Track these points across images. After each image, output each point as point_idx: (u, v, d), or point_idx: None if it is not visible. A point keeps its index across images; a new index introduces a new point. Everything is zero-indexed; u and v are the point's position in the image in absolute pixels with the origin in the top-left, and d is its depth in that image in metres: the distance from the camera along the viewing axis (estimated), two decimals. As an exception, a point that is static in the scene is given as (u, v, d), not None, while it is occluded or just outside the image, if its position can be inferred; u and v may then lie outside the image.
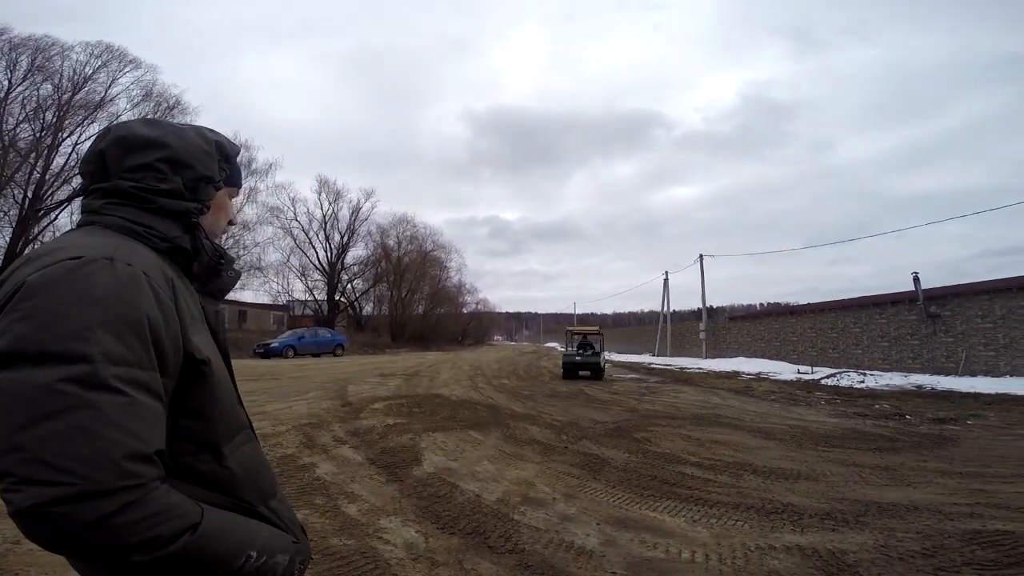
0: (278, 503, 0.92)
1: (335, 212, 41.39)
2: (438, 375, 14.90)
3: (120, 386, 0.64)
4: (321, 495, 3.90)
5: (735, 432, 6.91)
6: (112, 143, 0.85)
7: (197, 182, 0.89)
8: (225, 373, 0.87)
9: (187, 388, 0.77)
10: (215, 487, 0.80)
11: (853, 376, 14.86)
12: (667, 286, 34.92)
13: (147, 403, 0.67)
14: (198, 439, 0.79)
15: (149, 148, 0.85)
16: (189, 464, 0.77)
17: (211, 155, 0.92)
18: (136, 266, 0.73)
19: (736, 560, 2.90)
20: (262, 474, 0.90)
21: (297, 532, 0.93)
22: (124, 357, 0.66)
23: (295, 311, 42.88)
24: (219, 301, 0.98)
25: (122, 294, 0.69)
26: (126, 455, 0.62)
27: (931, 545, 2.98)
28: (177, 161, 0.87)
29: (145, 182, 0.84)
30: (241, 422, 0.89)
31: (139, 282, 0.72)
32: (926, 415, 8.48)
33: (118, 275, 0.70)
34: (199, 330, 0.83)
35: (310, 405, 8.21)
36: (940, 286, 16.14)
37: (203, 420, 0.79)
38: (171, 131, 0.89)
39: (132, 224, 0.82)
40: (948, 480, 4.47)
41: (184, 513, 0.68)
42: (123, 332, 0.67)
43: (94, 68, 23.50)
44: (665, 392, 12.29)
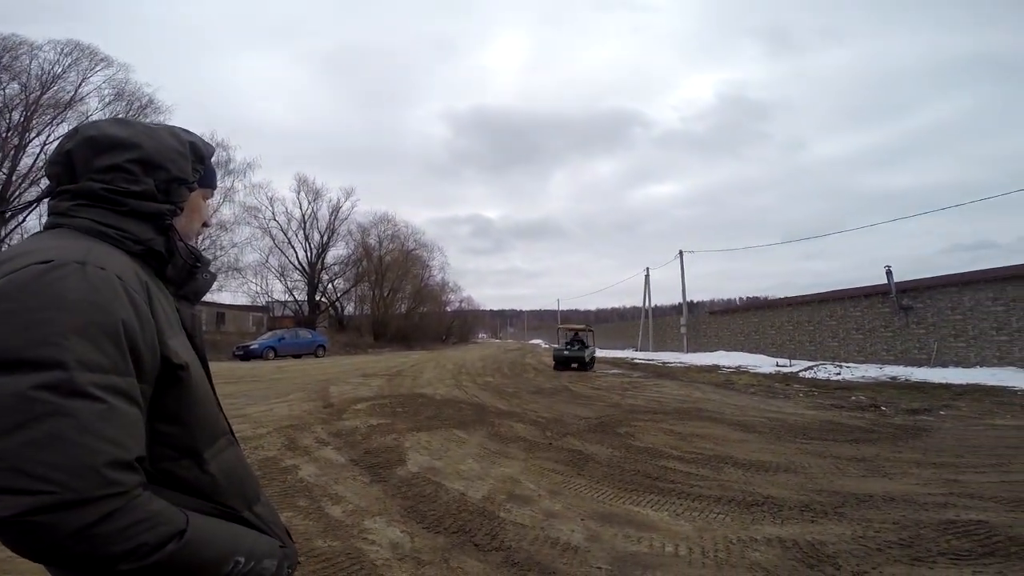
0: (263, 508, 0.91)
1: (314, 211, 40.90)
2: (421, 374, 14.83)
3: (97, 393, 0.63)
4: (304, 497, 3.86)
5: (716, 425, 7.01)
6: (80, 143, 0.83)
7: (170, 183, 0.87)
8: (204, 377, 0.86)
9: (165, 393, 0.75)
10: (197, 493, 0.78)
11: (830, 368, 15.18)
12: (648, 282, 35.27)
13: (126, 409, 0.66)
14: (178, 445, 0.77)
15: (119, 149, 0.83)
16: (170, 470, 0.76)
17: (184, 156, 0.90)
18: (109, 270, 0.71)
19: (718, 553, 2.94)
20: (245, 479, 0.89)
21: (283, 536, 0.93)
22: (100, 363, 0.64)
23: (275, 312, 42.25)
24: (195, 304, 0.96)
25: (95, 299, 0.67)
26: (107, 463, 0.61)
27: (907, 536, 3.05)
28: (149, 162, 0.84)
29: (115, 184, 0.81)
30: (222, 427, 0.88)
31: (113, 286, 0.70)
32: (900, 406, 8.71)
33: (90, 279, 0.68)
34: (176, 334, 0.81)
35: (291, 407, 8.11)
36: (912, 279, 16.59)
37: (182, 425, 0.78)
38: (142, 131, 0.87)
39: (102, 227, 0.80)
40: (922, 471, 4.59)
41: (168, 520, 0.67)
42: (98, 338, 0.65)
43: (63, 67, 22.89)
44: (647, 387, 12.41)
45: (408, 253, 47.37)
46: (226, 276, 31.48)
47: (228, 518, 0.81)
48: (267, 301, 40.91)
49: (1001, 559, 2.71)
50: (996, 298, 13.52)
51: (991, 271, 14.22)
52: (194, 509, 0.74)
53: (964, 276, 14.91)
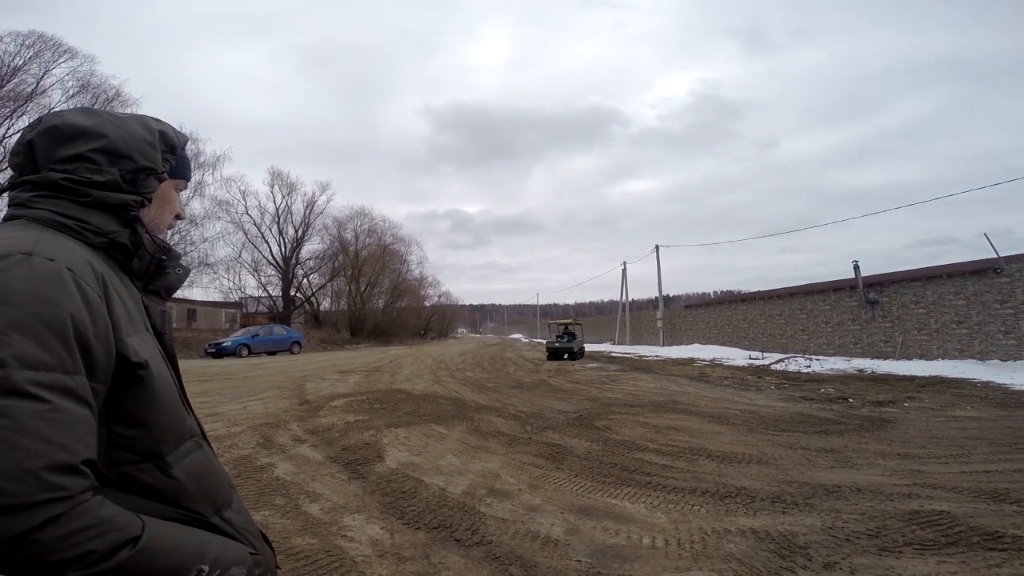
0: (234, 513, 0.87)
1: (289, 205, 40.20)
2: (400, 370, 14.75)
3: (37, 392, 0.59)
4: (281, 495, 3.81)
5: (691, 418, 7.14)
6: (42, 133, 0.80)
7: (137, 173, 0.84)
8: (168, 377, 0.82)
9: (123, 393, 0.72)
10: (161, 498, 0.75)
11: (800, 361, 15.58)
12: (625, 276, 35.65)
13: (72, 409, 0.62)
14: (138, 448, 0.74)
15: (82, 138, 0.80)
16: (129, 474, 0.72)
17: (153, 145, 0.87)
18: (59, 261, 0.68)
19: (694, 544, 3.01)
20: (214, 483, 0.86)
21: (257, 543, 0.89)
22: (43, 360, 0.61)
23: (248, 308, 41.43)
24: (166, 300, 0.92)
25: (40, 291, 0.64)
26: (47, 466, 0.58)
27: (875, 526, 3.15)
28: (114, 151, 0.82)
29: (78, 173, 0.79)
30: (189, 429, 0.84)
31: (62, 278, 0.66)
32: (867, 398, 8.99)
33: (36, 271, 0.65)
34: (137, 331, 0.77)
35: (266, 405, 7.98)
36: (878, 273, 17.09)
37: (143, 427, 0.74)
38: (108, 120, 0.84)
39: (62, 218, 0.77)
40: (888, 462, 4.75)
41: (121, 527, 0.64)
42: (41, 333, 0.62)
43: (25, 59, 21.99)
44: (625, 380, 12.56)
45: (385, 248, 46.92)
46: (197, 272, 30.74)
47: (194, 524, 0.78)
48: (240, 297, 40.09)
49: (964, 548, 2.81)
50: (957, 292, 14.03)
51: (953, 266, 14.75)
52: (157, 514, 0.71)
53: (927, 271, 15.42)
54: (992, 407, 7.78)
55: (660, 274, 30.90)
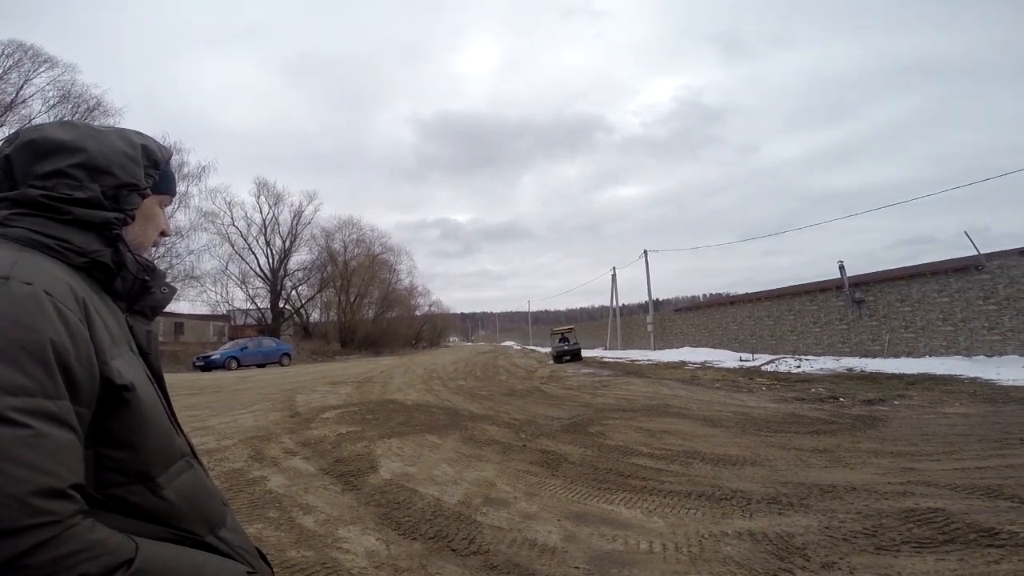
0: (228, 532, 0.86)
1: (276, 216, 40.09)
2: (391, 380, 14.65)
3: (19, 418, 0.59)
4: (274, 508, 3.76)
5: (684, 421, 7.15)
6: (20, 148, 0.78)
7: (119, 189, 0.82)
8: (155, 398, 0.80)
9: (109, 416, 0.71)
10: (152, 519, 0.74)
11: (790, 361, 15.69)
12: (615, 281, 35.76)
13: (55, 434, 0.61)
14: (128, 470, 0.72)
15: (62, 153, 0.78)
16: (120, 496, 0.71)
17: (135, 160, 0.85)
18: (37, 285, 0.66)
19: (691, 548, 3.00)
20: (207, 503, 0.84)
21: (253, 561, 0.88)
22: (23, 386, 0.60)
23: (236, 321, 41.08)
24: (151, 320, 0.90)
25: (18, 317, 0.63)
26: (34, 491, 0.57)
27: (871, 525, 3.16)
28: (95, 167, 0.79)
29: (57, 190, 0.76)
30: (179, 449, 0.83)
31: (40, 303, 0.65)
32: (857, 397, 9.06)
33: (13, 295, 0.64)
34: (121, 352, 0.76)
35: (256, 417, 7.89)
36: (863, 273, 17.30)
37: (131, 449, 0.73)
38: (89, 134, 0.82)
39: (42, 237, 0.75)
40: (881, 460, 4.78)
41: (113, 549, 0.63)
42: (21, 359, 0.61)
43: (4, 68, 21.81)
44: (617, 385, 12.57)
45: (375, 258, 46.82)
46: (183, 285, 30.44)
47: (189, 544, 0.77)
48: (228, 310, 39.79)
49: (961, 545, 2.83)
50: (941, 290, 14.23)
51: (935, 264, 14.97)
52: (151, 536, 0.70)
53: (911, 269, 15.64)
54: (980, 403, 7.87)
55: (649, 278, 31.09)
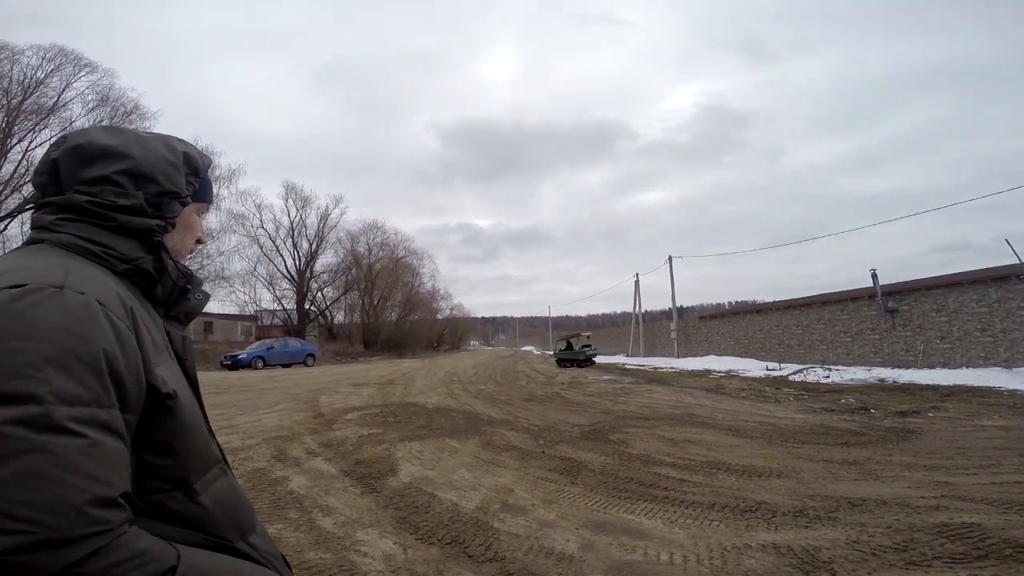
0: (258, 538, 0.87)
1: (303, 219, 40.82)
2: (413, 383, 14.74)
3: (77, 428, 0.59)
4: (295, 509, 3.80)
5: (708, 431, 7.02)
6: (67, 152, 0.78)
7: (161, 197, 0.83)
8: (195, 405, 0.82)
9: (152, 423, 0.72)
10: (188, 524, 0.75)
11: (819, 371, 15.30)
12: (638, 287, 35.44)
13: (109, 444, 0.62)
14: (168, 476, 0.73)
15: (108, 159, 0.78)
16: (159, 502, 0.72)
17: (178, 168, 0.86)
18: (89, 295, 0.67)
19: (713, 560, 2.93)
20: (239, 508, 0.85)
21: (280, 567, 0.89)
22: (80, 396, 0.61)
23: (263, 321, 41.93)
24: (185, 325, 0.91)
25: (73, 327, 0.63)
26: (89, 500, 0.58)
27: (902, 540, 3.05)
28: (139, 174, 0.80)
29: (103, 196, 0.77)
30: (214, 456, 0.84)
31: (93, 313, 0.66)
32: (889, 408, 8.77)
33: (68, 305, 0.64)
34: (163, 360, 0.77)
35: (280, 417, 8.01)
36: (896, 282, 16.78)
37: (172, 456, 0.74)
38: (133, 141, 0.82)
39: (87, 243, 0.76)
40: (914, 473, 4.61)
41: (158, 557, 0.64)
42: (76, 369, 0.61)
43: (46, 72, 22.65)
44: (639, 393, 12.42)
45: (398, 261, 47.28)
46: (213, 285, 31.20)
47: (221, 549, 0.78)
48: (255, 310, 40.64)
49: (996, 561, 2.71)
50: (979, 300, 13.72)
51: (974, 272, 14.44)
52: (185, 541, 0.71)
53: (948, 278, 15.11)
54: (1020, 416, 7.54)
55: (673, 285, 30.70)
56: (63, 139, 0.81)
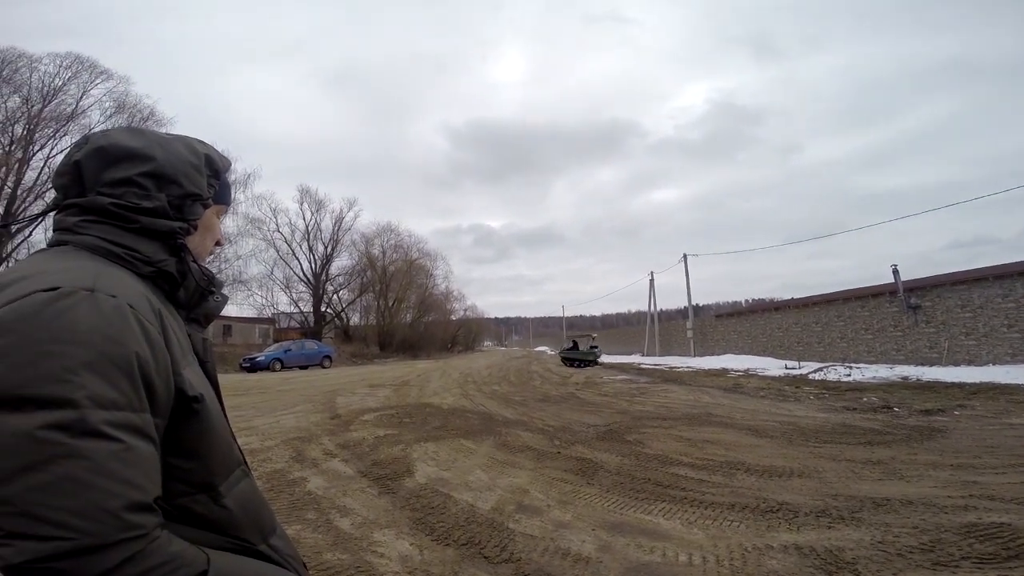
0: (279, 540, 0.87)
1: (318, 222, 41.22)
2: (428, 384, 14.79)
3: (112, 432, 0.59)
4: (313, 510, 3.82)
5: (726, 431, 6.92)
6: (90, 154, 0.77)
7: (184, 199, 0.82)
8: (218, 407, 0.81)
9: (180, 426, 0.71)
10: (213, 527, 0.75)
11: (840, 370, 15.04)
12: (653, 286, 35.19)
13: (142, 448, 0.62)
14: (193, 479, 0.73)
15: (131, 161, 0.78)
16: (185, 506, 0.72)
17: (199, 170, 0.85)
18: (121, 298, 0.66)
19: (734, 561, 2.88)
20: (260, 511, 0.85)
21: (300, 568, 0.89)
22: (114, 400, 0.60)
23: (281, 324, 42.42)
24: (205, 328, 0.91)
25: (107, 331, 0.63)
26: (126, 506, 0.58)
27: (928, 540, 2.98)
28: (162, 176, 0.79)
29: (126, 198, 0.76)
30: (236, 457, 0.83)
31: (125, 317, 0.65)
32: (913, 407, 8.59)
33: (101, 309, 0.64)
34: (189, 363, 0.76)
35: (298, 418, 8.09)
36: (918, 277, 16.46)
37: (198, 459, 0.74)
38: (156, 142, 0.82)
39: (111, 245, 0.75)
40: (940, 473, 4.50)
41: (189, 562, 0.64)
42: (111, 373, 0.61)
43: (64, 80, 23.17)
44: (655, 392, 12.31)
45: (412, 263, 47.49)
46: (232, 289, 31.67)
47: (244, 552, 0.77)
48: (273, 313, 41.12)
49: (1026, 563, 2.63)
50: (1006, 295, 13.38)
51: (1000, 267, 14.09)
52: (209, 544, 0.71)
53: (973, 273, 14.77)
54: (1051, 415, 7.33)
55: (689, 283, 30.44)
56: (85, 140, 0.80)
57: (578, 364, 25.35)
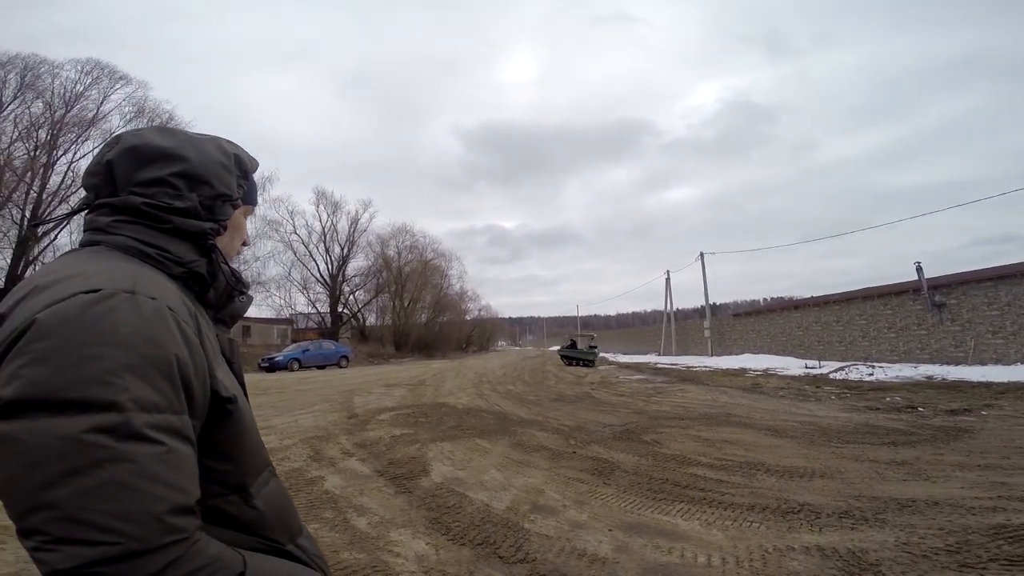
0: (305, 540, 0.87)
1: (334, 224, 41.59)
2: (443, 384, 14.83)
3: (155, 435, 0.59)
4: (330, 508, 3.84)
5: (746, 431, 6.83)
6: (122, 153, 0.77)
7: (215, 200, 0.82)
8: (249, 408, 0.81)
9: (214, 428, 0.71)
10: (243, 528, 0.75)
11: (862, 369, 14.76)
12: (669, 285, 34.89)
13: (183, 451, 0.62)
14: (227, 480, 0.73)
15: (163, 160, 0.77)
16: (218, 507, 0.72)
17: (230, 170, 0.85)
18: (160, 300, 0.66)
19: (754, 562, 2.83)
20: (288, 511, 0.85)
21: (326, 569, 0.89)
22: (156, 403, 0.60)
23: (299, 324, 42.91)
24: (230, 328, 0.91)
25: (148, 333, 0.62)
26: (170, 509, 0.58)
27: (955, 541, 2.91)
28: (194, 176, 0.79)
29: (158, 199, 0.76)
30: (264, 458, 0.83)
31: (165, 319, 0.65)
32: (939, 406, 8.39)
33: (142, 311, 0.63)
34: (220, 364, 0.76)
35: (316, 418, 8.16)
36: (942, 275, 16.07)
37: (231, 460, 0.74)
38: (188, 142, 0.81)
39: (144, 246, 0.75)
40: (967, 473, 4.38)
41: (228, 564, 0.64)
42: (152, 375, 0.61)
43: (85, 85, 23.62)
44: (672, 392, 12.20)
45: (427, 263, 47.69)
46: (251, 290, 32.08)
47: (273, 553, 0.77)
48: (291, 314, 41.62)
49: (1059, 567, 2.55)
50: (1036, 292, 13.00)
51: (1029, 264, 13.71)
52: (240, 545, 0.71)
53: (999, 270, 14.40)
54: (1084, 415, 7.10)
55: (706, 282, 30.11)
56: (117, 139, 0.80)
57: (577, 363, 25.39)
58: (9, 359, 0.59)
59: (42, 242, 22.69)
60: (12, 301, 0.65)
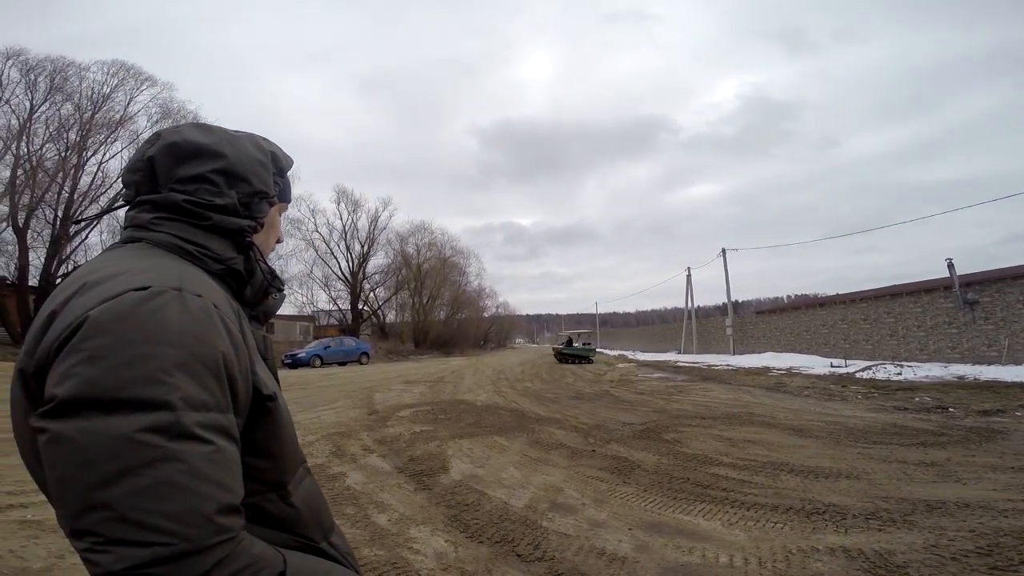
0: (337, 537, 0.87)
1: (354, 222, 41.97)
2: (462, 380, 14.90)
3: (204, 434, 0.59)
4: (352, 505, 3.89)
5: (769, 430, 6.72)
6: (162, 150, 0.77)
7: (252, 197, 0.82)
8: (286, 406, 0.81)
9: (254, 425, 0.71)
10: (280, 526, 0.75)
11: (890, 368, 14.41)
12: (690, 282, 34.47)
13: (229, 449, 0.62)
14: (267, 478, 0.73)
15: (203, 157, 0.77)
16: (256, 505, 0.72)
17: (267, 167, 0.85)
18: (206, 298, 0.66)
19: (777, 563, 2.78)
20: (321, 509, 0.85)
21: (356, 566, 0.89)
22: (205, 401, 0.60)
23: (320, 321, 43.51)
24: (263, 325, 0.90)
25: (196, 330, 0.62)
26: (218, 509, 0.58)
27: (985, 544, 2.83)
28: (233, 173, 0.79)
29: (199, 195, 0.76)
30: (300, 455, 0.83)
31: (211, 316, 0.65)
32: (970, 407, 8.15)
33: (190, 309, 0.63)
34: (258, 361, 0.76)
35: (338, 414, 8.26)
36: (976, 272, 15.58)
37: (272, 458, 0.74)
38: (226, 139, 0.81)
39: (184, 243, 0.75)
40: (1000, 475, 4.25)
41: (270, 563, 0.64)
42: (201, 373, 0.61)
43: (111, 87, 23.96)
44: (693, 391, 12.06)
45: (445, 260, 47.89)
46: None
47: (308, 550, 0.78)
48: (313, 311, 42.21)
49: (1098, 573, 2.46)
50: (1074, 289, 12.53)
51: (1067, 260, 13.20)
52: (277, 543, 0.71)
53: (1036, 266, 13.90)
54: None
55: (728, 279, 29.69)
56: (157, 136, 0.80)
57: (573, 360, 25.66)
58: (63, 356, 0.59)
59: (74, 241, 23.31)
60: (62, 297, 0.64)
